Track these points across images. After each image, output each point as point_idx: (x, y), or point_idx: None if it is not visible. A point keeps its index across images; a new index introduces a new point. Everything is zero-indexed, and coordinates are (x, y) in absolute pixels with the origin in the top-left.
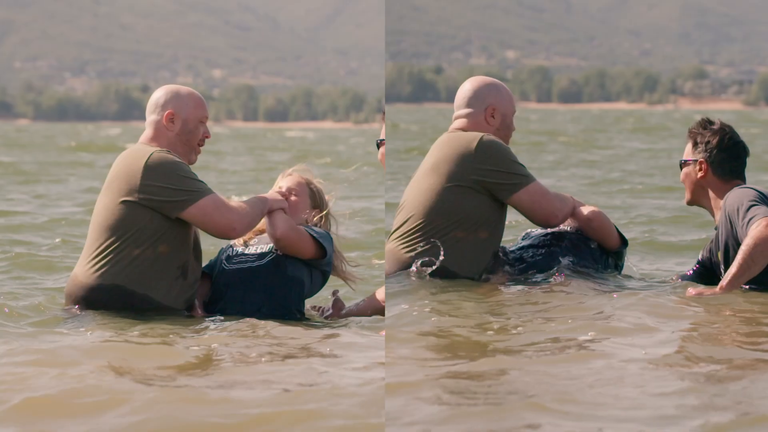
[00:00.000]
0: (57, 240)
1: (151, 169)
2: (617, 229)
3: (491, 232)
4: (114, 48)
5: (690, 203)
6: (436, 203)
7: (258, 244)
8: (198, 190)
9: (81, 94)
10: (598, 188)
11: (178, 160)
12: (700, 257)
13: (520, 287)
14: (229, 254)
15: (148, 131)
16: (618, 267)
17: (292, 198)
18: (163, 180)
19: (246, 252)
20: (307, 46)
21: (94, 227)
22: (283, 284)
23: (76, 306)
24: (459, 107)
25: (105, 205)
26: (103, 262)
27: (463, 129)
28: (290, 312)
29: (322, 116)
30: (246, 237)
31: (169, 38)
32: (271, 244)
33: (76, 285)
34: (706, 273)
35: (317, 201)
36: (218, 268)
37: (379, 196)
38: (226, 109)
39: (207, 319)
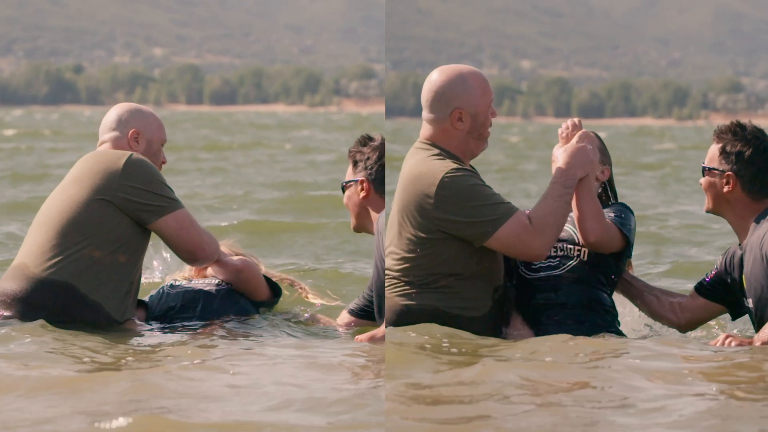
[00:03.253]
0: None
1: (130, 170)
2: (622, 231)
3: (488, 268)
4: (44, 25)
5: (710, 212)
6: (414, 254)
7: (204, 280)
8: (176, 200)
9: (8, 75)
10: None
11: (154, 166)
12: (717, 267)
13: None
14: (172, 284)
15: (107, 147)
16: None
17: None
18: (142, 183)
19: (192, 284)
20: (257, 21)
21: (52, 220)
22: (236, 312)
23: (9, 307)
24: (424, 108)
25: (71, 199)
26: (61, 257)
27: (429, 139)
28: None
29: (273, 99)
30: (189, 275)
31: (104, 13)
32: (218, 280)
33: (23, 277)
34: (722, 288)
35: None
36: (160, 294)
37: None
38: (167, 91)
39: (162, 332)
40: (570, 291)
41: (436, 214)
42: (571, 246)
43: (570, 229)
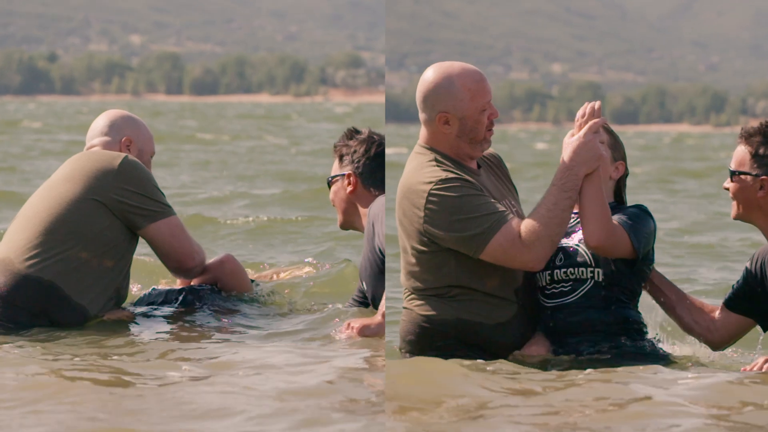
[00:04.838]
0: None
1: (126, 171)
2: (631, 238)
3: (499, 273)
4: (16, 11)
5: (738, 219)
6: (419, 268)
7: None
8: (169, 207)
9: None
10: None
11: (148, 171)
12: (744, 276)
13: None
14: (155, 287)
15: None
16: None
17: None
18: (137, 186)
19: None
20: (240, 7)
21: (40, 215)
22: (222, 303)
23: None
24: (418, 109)
25: (61, 196)
26: (47, 255)
27: (425, 142)
28: None
29: (257, 88)
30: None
31: None
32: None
33: (5, 272)
34: (751, 300)
35: None
36: (143, 298)
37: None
38: (146, 80)
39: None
40: (588, 316)
41: (427, 229)
42: (584, 269)
43: (582, 250)
